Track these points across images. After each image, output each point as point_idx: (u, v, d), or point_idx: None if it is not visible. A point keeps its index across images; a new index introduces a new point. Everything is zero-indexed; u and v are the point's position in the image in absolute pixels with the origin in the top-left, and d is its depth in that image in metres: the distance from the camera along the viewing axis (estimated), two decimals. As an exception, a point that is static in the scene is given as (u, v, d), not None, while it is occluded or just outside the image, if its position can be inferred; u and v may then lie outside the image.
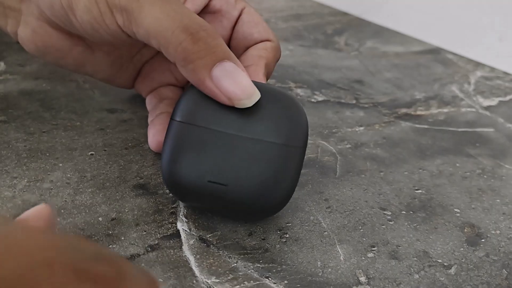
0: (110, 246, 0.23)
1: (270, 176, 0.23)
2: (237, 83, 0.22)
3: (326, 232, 0.26)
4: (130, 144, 0.31)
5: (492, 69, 0.50)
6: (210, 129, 0.23)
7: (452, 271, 0.24)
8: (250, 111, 0.23)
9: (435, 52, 0.54)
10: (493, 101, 0.43)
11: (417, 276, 0.24)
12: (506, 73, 0.49)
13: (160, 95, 0.31)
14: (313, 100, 0.40)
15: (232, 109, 0.23)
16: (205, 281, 0.22)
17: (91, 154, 0.29)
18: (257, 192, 0.23)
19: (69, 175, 0.28)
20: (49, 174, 0.27)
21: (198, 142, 0.23)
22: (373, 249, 0.25)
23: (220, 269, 0.23)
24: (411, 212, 0.28)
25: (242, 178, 0.23)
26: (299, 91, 0.41)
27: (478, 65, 0.51)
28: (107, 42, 0.27)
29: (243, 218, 0.26)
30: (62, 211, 0.25)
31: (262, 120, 0.23)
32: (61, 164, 0.28)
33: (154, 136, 0.28)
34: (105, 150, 0.30)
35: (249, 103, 0.23)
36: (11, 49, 0.41)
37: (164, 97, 0.31)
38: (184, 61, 0.22)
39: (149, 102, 0.31)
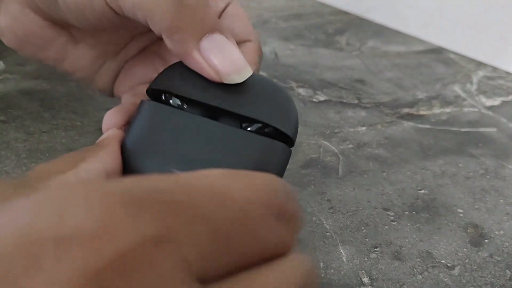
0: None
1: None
2: (226, 56, 0.20)
3: (329, 233, 0.26)
4: (130, 144, 0.31)
5: (495, 68, 0.50)
6: (185, 109, 0.20)
7: (456, 271, 0.24)
8: (237, 94, 0.21)
9: (437, 51, 0.54)
10: (496, 101, 0.43)
11: (421, 277, 0.23)
12: (508, 73, 0.49)
13: (137, 93, 0.29)
14: (314, 100, 0.40)
15: (217, 89, 0.21)
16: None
17: (92, 154, 0.29)
18: None
19: (69, 176, 0.27)
20: (49, 174, 0.27)
21: (171, 124, 0.20)
22: (376, 249, 0.25)
23: (222, 270, 0.22)
24: (414, 212, 0.28)
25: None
26: (300, 90, 0.41)
27: (480, 64, 0.51)
28: (93, 27, 0.26)
29: None
30: (62, 211, 0.25)
31: (248, 105, 0.21)
32: (61, 164, 0.28)
33: (106, 115, 0.25)
34: (105, 150, 0.30)
35: (239, 78, 0.20)
36: (11, 49, 0.40)
37: (140, 94, 0.29)
38: (169, 30, 0.21)
39: (125, 100, 0.30)
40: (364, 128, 0.36)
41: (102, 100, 0.35)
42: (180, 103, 0.21)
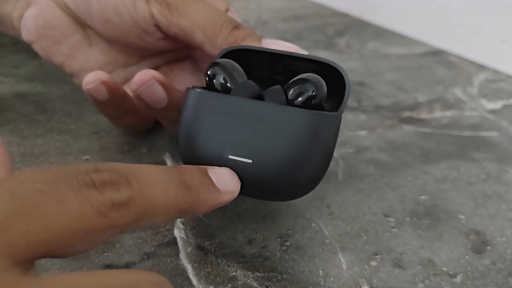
0: (105, 254, 0.23)
1: (302, 149, 0.20)
2: (284, 45, 0.25)
3: (328, 240, 0.25)
4: (126, 148, 0.30)
5: (496, 71, 0.49)
6: (232, 95, 0.21)
7: (458, 279, 0.23)
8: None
9: (438, 54, 0.53)
10: (497, 104, 0.42)
11: (422, 285, 0.23)
12: (509, 76, 0.48)
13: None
14: (314, 102, 0.39)
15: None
16: (203, 291, 0.21)
17: (86, 159, 0.29)
18: (288, 169, 0.20)
19: (63, 180, 0.27)
20: (43, 179, 0.27)
21: (218, 109, 0.20)
22: (376, 257, 0.24)
23: (218, 278, 0.22)
24: (415, 218, 0.27)
25: (269, 151, 0.20)
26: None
27: (481, 67, 0.50)
28: (118, 34, 0.27)
29: (270, 198, 0.23)
30: (56, 217, 0.24)
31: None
32: (55, 169, 0.28)
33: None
34: (100, 155, 0.29)
35: (305, 52, 0.25)
36: (6, 51, 0.40)
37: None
38: (234, 44, 0.26)
39: None
40: (364, 132, 0.36)
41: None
42: (223, 81, 0.22)
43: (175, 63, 0.31)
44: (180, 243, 0.24)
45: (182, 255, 0.23)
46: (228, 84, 0.22)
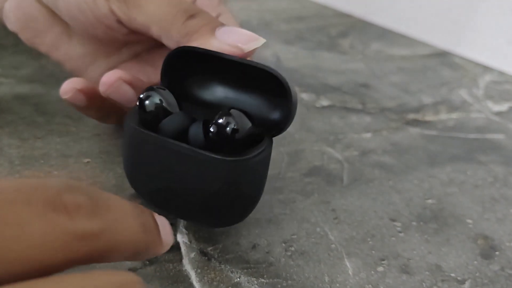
0: (106, 259, 0.22)
1: (219, 196, 0.21)
2: (240, 33, 0.24)
3: (334, 245, 0.25)
4: (128, 151, 0.30)
5: (501, 73, 0.49)
6: (159, 130, 0.22)
7: (466, 286, 0.23)
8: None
9: (442, 55, 0.53)
10: (503, 106, 0.42)
11: (430, 291, 0.22)
12: (514, 77, 0.48)
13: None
14: (317, 105, 0.39)
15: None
16: (206, 298, 0.21)
17: (87, 162, 0.28)
18: (208, 212, 0.22)
19: (63, 184, 0.26)
20: (42, 182, 0.26)
21: (147, 148, 0.21)
22: (383, 262, 0.24)
23: (222, 285, 0.21)
24: (422, 223, 0.27)
25: (189, 196, 0.21)
26: (303, 95, 0.40)
27: (486, 69, 0.50)
28: (86, 29, 0.27)
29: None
30: (56, 222, 0.24)
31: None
32: (55, 172, 0.27)
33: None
34: (101, 157, 0.29)
35: (258, 44, 0.24)
36: (6, 52, 0.39)
37: None
38: (187, 35, 0.24)
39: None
40: (369, 135, 0.35)
41: (99, 105, 0.34)
42: (154, 110, 0.22)
43: (156, 49, 0.31)
44: (183, 248, 0.23)
45: (185, 261, 0.23)
46: (162, 110, 0.22)
